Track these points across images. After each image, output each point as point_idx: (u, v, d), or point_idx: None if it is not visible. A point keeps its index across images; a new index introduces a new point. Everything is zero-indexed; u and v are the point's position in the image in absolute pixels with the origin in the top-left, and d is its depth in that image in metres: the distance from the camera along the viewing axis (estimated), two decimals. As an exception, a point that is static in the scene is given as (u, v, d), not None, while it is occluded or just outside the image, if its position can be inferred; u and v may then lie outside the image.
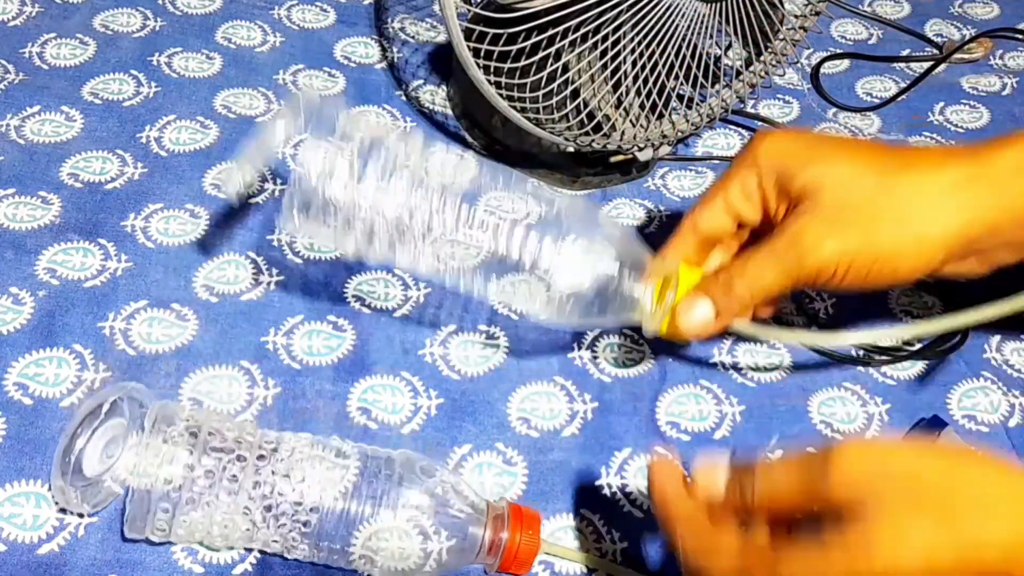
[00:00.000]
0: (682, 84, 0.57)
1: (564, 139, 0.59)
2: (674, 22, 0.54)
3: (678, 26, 0.54)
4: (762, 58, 0.61)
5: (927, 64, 0.78)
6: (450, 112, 0.69)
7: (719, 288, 0.44)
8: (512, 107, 0.57)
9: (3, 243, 0.55)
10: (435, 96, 0.70)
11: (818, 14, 0.60)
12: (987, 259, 0.44)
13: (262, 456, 0.43)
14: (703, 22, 0.54)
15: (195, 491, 0.41)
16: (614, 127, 0.59)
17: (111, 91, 0.65)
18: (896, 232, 0.42)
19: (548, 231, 0.44)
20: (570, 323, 0.50)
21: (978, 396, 0.56)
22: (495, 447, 0.51)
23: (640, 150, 0.62)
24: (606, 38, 0.53)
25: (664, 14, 0.53)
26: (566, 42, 0.52)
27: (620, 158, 0.63)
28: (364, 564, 0.43)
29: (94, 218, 0.57)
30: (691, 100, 0.60)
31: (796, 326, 0.58)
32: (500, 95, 0.56)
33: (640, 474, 0.51)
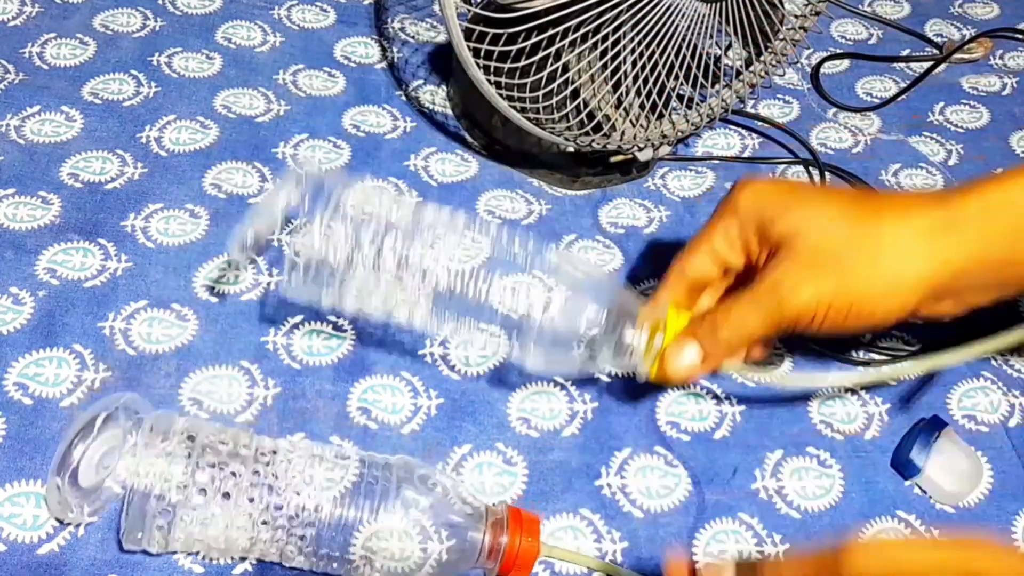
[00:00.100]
0: (682, 84, 0.57)
1: (564, 139, 0.59)
2: (674, 22, 0.54)
3: (678, 26, 0.54)
4: (762, 58, 0.61)
5: (927, 64, 0.78)
6: (450, 112, 0.69)
7: (705, 332, 0.45)
8: (512, 107, 0.57)
9: (3, 243, 0.55)
10: (435, 96, 0.70)
11: (818, 14, 0.60)
12: (962, 300, 0.45)
13: (257, 472, 0.42)
14: (703, 22, 0.54)
15: (190, 507, 0.41)
16: (614, 127, 0.59)
17: (111, 91, 0.65)
18: (870, 277, 0.43)
19: (538, 287, 0.46)
20: (562, 371, 0.52)
21: (978, 396, 0.56)
22: (495, 447, 0.51)
23: (640, 150, 0.62)
24: (606, 38, 0.53)
25: (664, 14, 0.53)
26: (566, 42, 0.52)
27: (620, 158, 0.63)
28: (364, 565, 0.43)
29: (94, 218, 0.57)
30: (691, 100, 0.60)
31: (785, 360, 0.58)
32: (500, 95, 0.56)
33: (640, 474, 0.51)
